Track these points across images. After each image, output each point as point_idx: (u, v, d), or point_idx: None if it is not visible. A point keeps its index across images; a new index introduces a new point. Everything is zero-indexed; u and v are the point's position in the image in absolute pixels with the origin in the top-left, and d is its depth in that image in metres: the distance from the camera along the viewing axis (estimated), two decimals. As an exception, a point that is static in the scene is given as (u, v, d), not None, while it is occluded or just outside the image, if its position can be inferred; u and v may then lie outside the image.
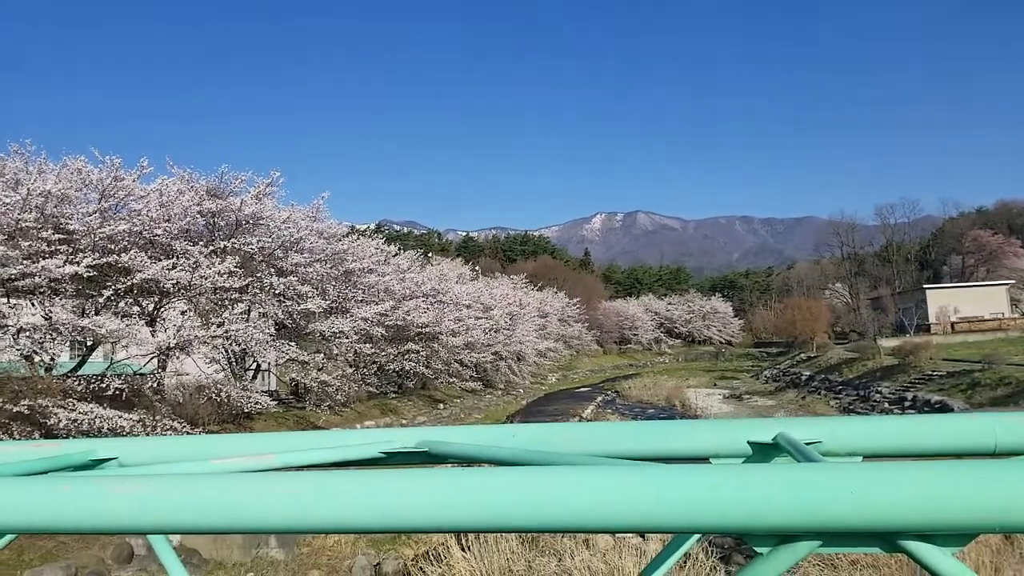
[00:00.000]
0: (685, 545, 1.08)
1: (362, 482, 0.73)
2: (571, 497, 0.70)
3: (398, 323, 24.43)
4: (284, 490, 0.73)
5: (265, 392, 19.89)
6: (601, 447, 1.14)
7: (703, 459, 1.15)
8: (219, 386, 16.51)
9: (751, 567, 0.73)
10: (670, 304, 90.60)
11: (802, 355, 52.97)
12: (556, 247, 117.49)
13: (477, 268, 45.25)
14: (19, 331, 12.28)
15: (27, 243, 12.48)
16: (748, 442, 1.12)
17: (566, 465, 0.77)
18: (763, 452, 1.10)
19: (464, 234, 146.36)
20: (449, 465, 0.93)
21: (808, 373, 42.44)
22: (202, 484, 0.75)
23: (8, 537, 1.04)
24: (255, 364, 20.64)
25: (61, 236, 13.57)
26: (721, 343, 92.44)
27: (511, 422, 26.42)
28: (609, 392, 41.14)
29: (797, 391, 38.29)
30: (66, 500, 0.76)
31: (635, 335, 76.12)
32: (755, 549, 0.73)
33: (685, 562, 7.52)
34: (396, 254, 28.60)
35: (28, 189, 12.87)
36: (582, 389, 43.60)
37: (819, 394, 35.74)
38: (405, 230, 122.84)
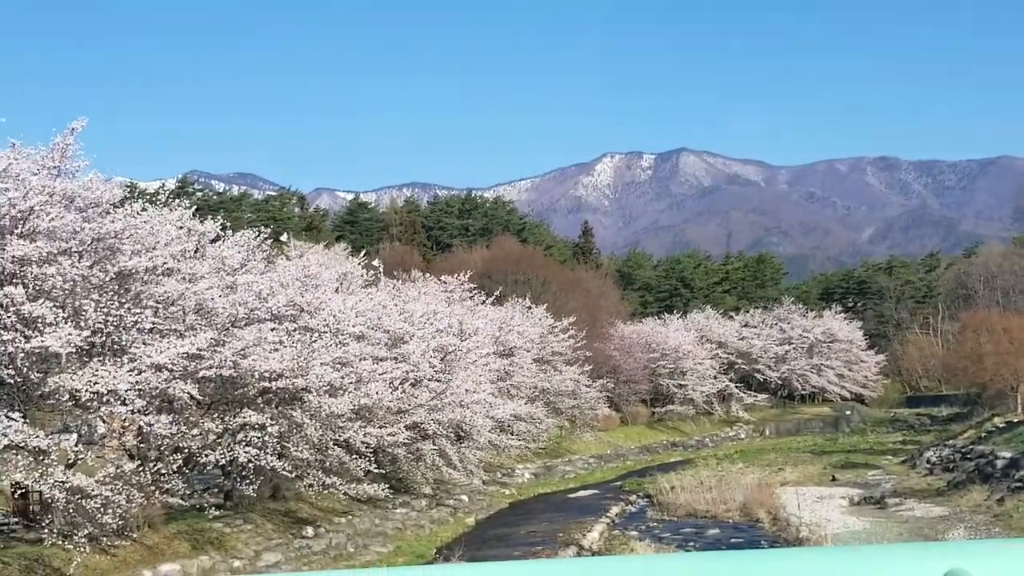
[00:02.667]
0: None
1: None
2: None
3: (224, 373, 24.20)
4: None
5: (-37, 513, 19.55)
6: None
7: None
8: None
9: None
10: (747, 326, 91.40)
11: (997, 420, 53.50)
12: (528, 219, 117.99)
13: (377, 262, 45.09)
14: None
15: None
16: None
17: None
18: None
19: (351, 197, 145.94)
20: None
21: (1008, 455, 43.04)
22: None
23: None
24: (-58, 458, 20.32)
25: None
26: (844, 400, 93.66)
27: (445, 560, 26.41)
28: (633, 496, 41.35)
29: (988, 488, 38.78)
30: None
31: (682, 387, 76.52)
32: None
33: None
34: (218, 238, 28.43)
35: None
36: (582, 492, 43.73)
37: (1031, 494, 36.08)
38: (235, 190, 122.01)
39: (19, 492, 22.90)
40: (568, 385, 55.98)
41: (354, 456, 29.96)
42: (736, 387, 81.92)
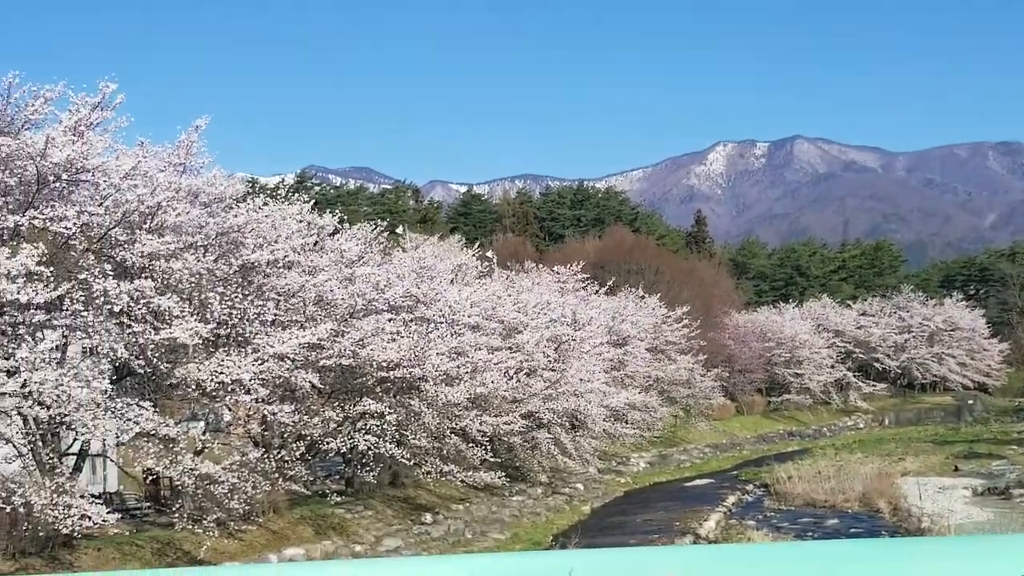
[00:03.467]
0: None
1: None
2: None
3: (344, 362, 24.67)
4: None
5: (99, 496, 20.22)
6: None
7: None
8: (11, 486, 16.83)
9: None
10: (865, 315, 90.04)
11: None
12: (640, 209, 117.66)
13: (491, 253, 45.41)
14: None
15: None
16: None
17: None
18: None
19: (464, 189, 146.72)
20: None
21: None
22: None
23: None
24: (78, 444, 21.02)
25: None
26: (966, 389, 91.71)
27: (562, 546, 26.55)
28: (750, 486, 41.07)
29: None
30: None
31: (798, 377, 75.67)
32: None
33: None
34: (336, 231, 28.88)
35: None
36: (698, 481, 43.51)
37: None
38: (351, 184, 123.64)
39: (150, 478, 23.64)
40: (682, 374, 55.67)
41: (471, 444, 30.24)
42: (854, 376, 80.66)
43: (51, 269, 17.08)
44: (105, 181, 19.27)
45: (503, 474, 31.12)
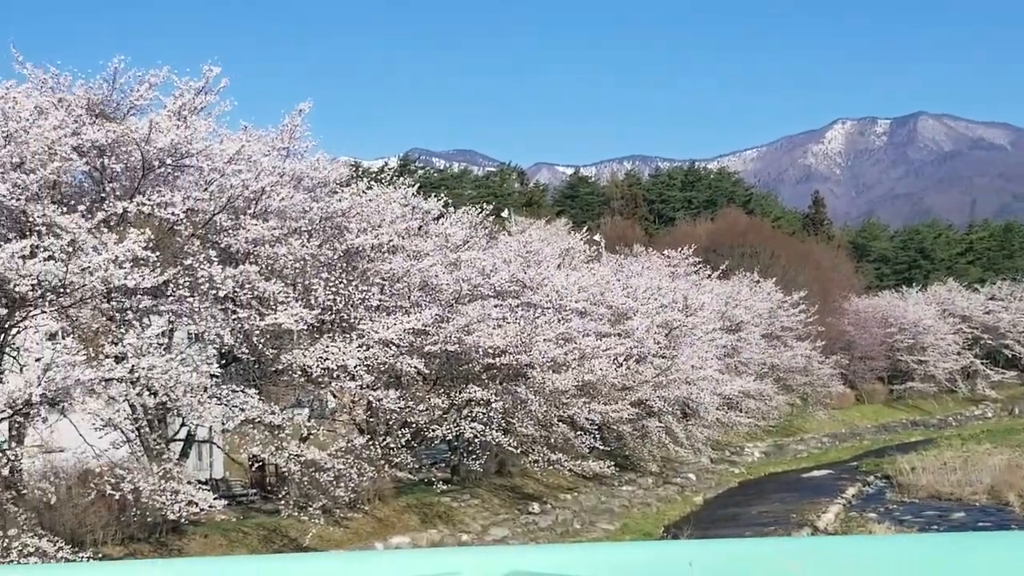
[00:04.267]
0: None
1: None
2: None
3: (449, 349, 24.90)
4: None
5: (206, 482, 20.71)
6: None
7: None
8: (121, 472, 17.27)
9: None
10: (993, 299, 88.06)
11: None
12: (754, 190, 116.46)
13: (599, 237, 45.33)
14: None
15: None
16: None
17: None
18: None
19: (570, 172, 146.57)
20: None
21: None
22: None
23: None
24: (185, 431, 21.52)
25: None
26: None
27: (673, 537, 26.49)
28: (871, 477, 40.52)
29: None
30: None
31: (922, 363, 74.34)
32: None
33: None
34: (441, 215, 29.10)
35: None
36: (816, 472, 43.04)
37: None
38: (456, 168, 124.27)
39: (256, 465, 24.10)
40: (799, 361, 54.98)
41: (579, 432, 30.30)
42: (982, 364, 78.97)
43: (157, 255, 17.37)
44: (209, 166, 19.69)
45: (612, 463, 31.11)
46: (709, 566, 1.03)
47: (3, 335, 17.67)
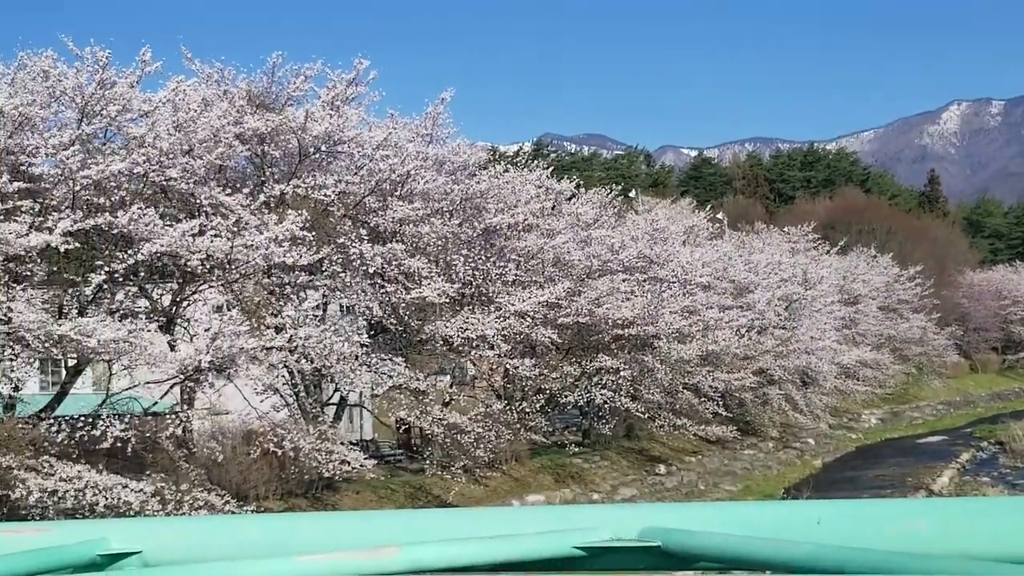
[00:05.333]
0: None
1: None
2: None
3: (580, 320, 24.79)
4: None
5: (356, 443, 21.00)
6: (982, 543, 1.12)
7: None
8: (280, 432, 17.57)
9: None
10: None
11: None
12: (871, 170, 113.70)
13: (721, 215, 44.80)
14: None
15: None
16: None
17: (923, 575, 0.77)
18: None
19: (694, 154, 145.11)
20: (699, 573, 0.98)
21: None
22: None
23: None
24: (338, 395, 21.82)
25: (21, 185, 14.91)
26: None
27: (794, 498, 26.09)
28: (984, 443, 39.38)
29: None
30: None
31: (1035, 334, 72.13)
32: None
33: None
34: (573, 196, 28.96)
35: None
36: (931, 438, 42.05)
37: None
38: (586, 151, 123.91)
39: (402, 427, 24.37)
40: (915, 332, 53.92)
41: (703, 399, 30.02)
42: (1095, 335, 76.48)
43: (312, 234, 17.61)
44: (359, 152, 19.87)
45: (734, 428, 30.85)
46: (836, 524, 0.99)
47: (175, 307, 18.10)
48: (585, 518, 1.25)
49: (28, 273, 15.18)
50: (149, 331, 16.65)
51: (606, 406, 27.05)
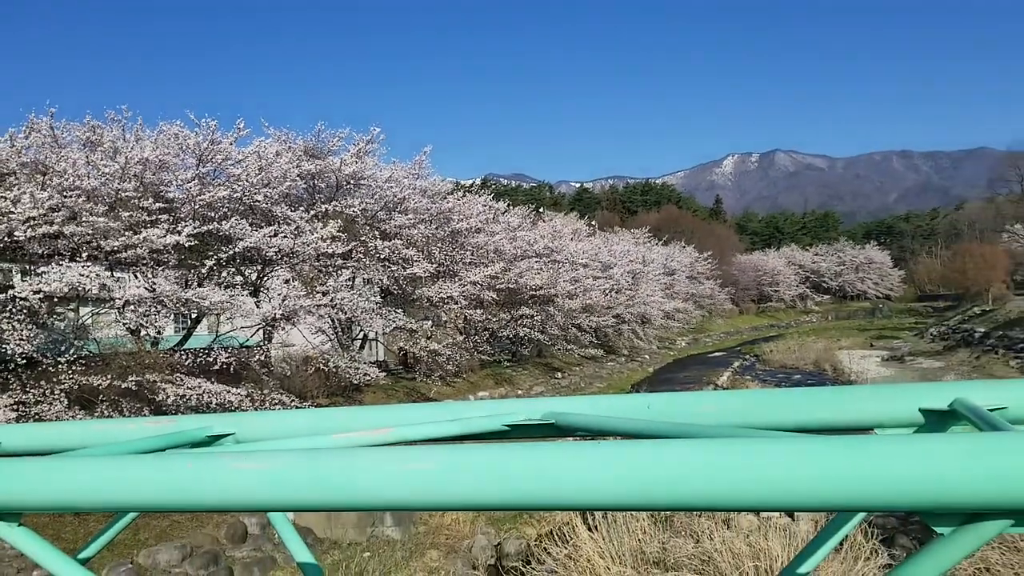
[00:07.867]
0: (848, 525, 1.10)
1: (493, 457, 0.75)
2: (716, 472, 0.70)
3: (510, 286, 24.39)
4: (412, 466, 0.76)
5: (373, 363, 20.44)
6: (746, 418, 1.09)
7: (864, 430, 1.08)
8: (326, 357, 17.05)
9: (932, 549, 0.71)
10: (817, 255, 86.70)
11: (975, 309, 49.36)
12: (682, 195, 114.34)
13: (594, 223, 44.54)
14: (125, 304, 13.02)
15: (127, 213, 13.12)
16: (920, 410, 1.05)
17: (709, 438, 0.76)
18: (938, 421, 1.03)
19: (578, 185, 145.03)
20: (577, 438, 0.90)
21: (983, 330, 39.32)
22: (325, 460, 0.79)
23: (131, 515, 1.17)
24: (362, 334, 21.25)
25: (161, 205, 14.22)
26: (878, 298, 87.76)
27: (637, 391, 25.96)
28: (747, 356, 39.70)
29: (970, 351, 35.55)
30: (189, 478, 0.81)
31: (776, 291, 73.25)
32: (935, 530, 0.71)
33: (841, 545, 7.07)
34: (505, 211, 28.49)
35: (126, 157, 13.53)
36: (716, 354, 42.34)
37: (996, 353, 33.06)
38: (513, 184, 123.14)
39: (402, 352, 23.83)
40: (707, 291, 54.50)
41: (583, 333, 29.94)
42: (809, 291, 78.27)
43: (345, 234, 17.13)
44: (374, 184, 19.24)
45: (602, 350, 30.76)
46: (660, 407, 0.78)
47: (259, 281, 17.40)
48: (510, 407, 1.18)
49: (165, 260, 14.54)
50: (243, 296, 16.05)
51: (526, 338, 26.74)
